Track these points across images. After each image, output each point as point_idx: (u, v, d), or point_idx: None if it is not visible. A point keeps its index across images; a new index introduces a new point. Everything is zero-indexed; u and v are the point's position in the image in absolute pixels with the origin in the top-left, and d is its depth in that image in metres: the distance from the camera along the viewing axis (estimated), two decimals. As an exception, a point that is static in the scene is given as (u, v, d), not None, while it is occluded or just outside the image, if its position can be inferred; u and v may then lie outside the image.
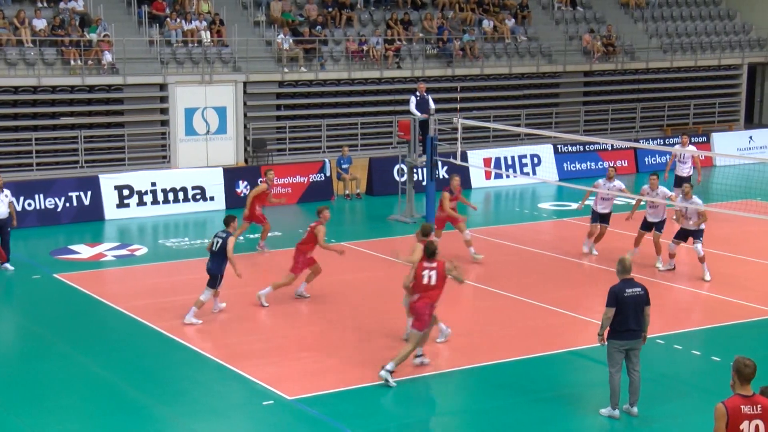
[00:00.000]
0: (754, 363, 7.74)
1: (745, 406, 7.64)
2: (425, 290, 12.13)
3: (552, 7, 35.91)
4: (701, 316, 14.89)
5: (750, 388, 7.71)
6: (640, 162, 28.32)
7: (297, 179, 24.24)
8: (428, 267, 12.15)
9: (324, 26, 30.91)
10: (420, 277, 12.13)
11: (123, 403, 11.61)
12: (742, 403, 7.65)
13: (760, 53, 37.16)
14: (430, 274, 12.12)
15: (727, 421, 7.61)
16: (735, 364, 7.78)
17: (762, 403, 7.68)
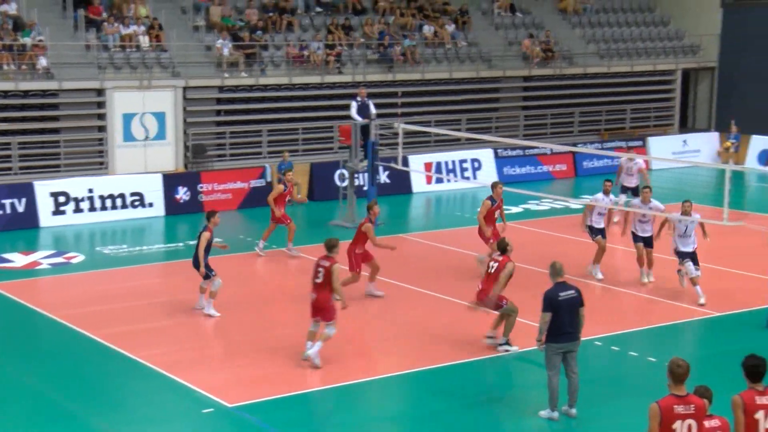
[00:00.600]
0: (687, 364, 7.87)
1: (679, 406, 7.76)
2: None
3: (492, 12, 36.22)
4: (638, 318, 15.11)
5: (684, 388, 7.84)
6: (578, 166, 28.69)
7: (237, 185, 24.09)
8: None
9: (264, 31, 30.76)
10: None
11: (57, 414, 11.40)
12: (675, 403, 7.77)
13: (693, 59, 37.90)
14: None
15: (660, 420, 7.73)
16: (669, 365, 7.91)
17: (695, 402, 7.81)
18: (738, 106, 35.88)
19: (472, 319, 14.97)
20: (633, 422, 11.06)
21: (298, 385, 12.21)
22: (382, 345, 13.93)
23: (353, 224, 21.47)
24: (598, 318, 14.55)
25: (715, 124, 37.52)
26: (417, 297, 16.22)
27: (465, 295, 16.12)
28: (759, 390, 7.93)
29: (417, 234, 21.25)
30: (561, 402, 11.11)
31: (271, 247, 19.18)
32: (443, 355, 13.30)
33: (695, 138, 32.18)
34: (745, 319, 14.93)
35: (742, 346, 13.39)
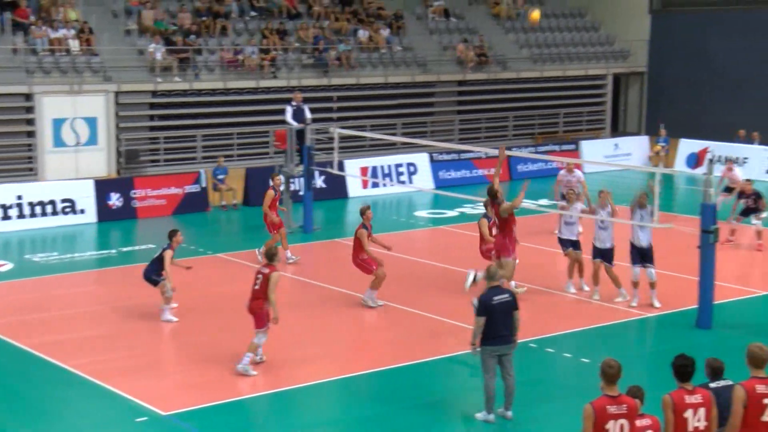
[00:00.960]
0: (619, 364, 7.98)
1: (611, 406, 7.86)
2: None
3: (426, 17, 36.43)
4: (572, 320, 15.29)
5: (617, 388, 7.95)
6: (513, 169, 28.96)
7: (171, 190, 23.80)
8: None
9: (198, 35, 30.49)
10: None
11: (-14, 426, 11.12)
12: (608, 404, 7.87)
13: (623, 64, 38.59)
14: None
15: (594, 421, 7.82)
16: (601, 365, 8.01)
17: (627, 403, 7.92)
18: (667, 110, 36.64)
19: (409, 323, 15.01)
20: (568, 423, 11.18)
21: (234, 392, 12.11)
22: (318, 350, 13.88)
23: (289, 229, 21.37)
24: (532, 320, 14.70)
25: (645, 128, 38.25)
26: (354, 301, 16.20)
27: (401, 298, 16.16)
28: (688, 389, 8.08)
29: (353, 238, 21.23)
30: (497, 404, 11.18)
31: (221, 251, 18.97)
32: (380, 359, 13.31)
33: (626, 141, 32.73)
34: (676, 320, 15.21)
35: (673, 345, 13.65)
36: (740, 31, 35.64)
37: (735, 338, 13.65)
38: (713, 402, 8.13)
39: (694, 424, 8.00)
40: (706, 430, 8.08)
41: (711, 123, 35.15)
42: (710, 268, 14.44)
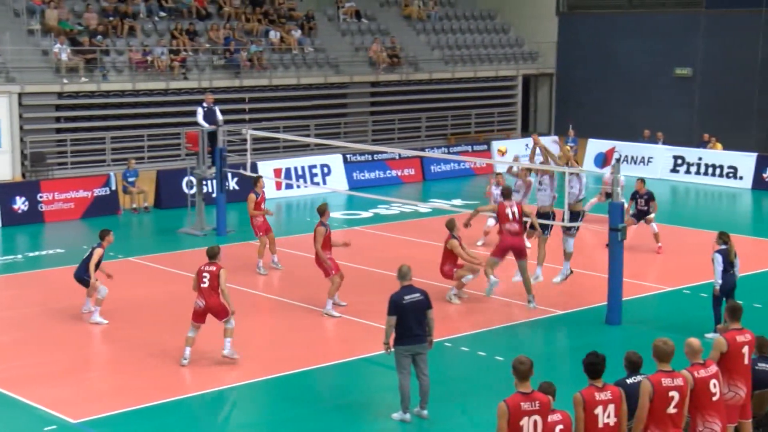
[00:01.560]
0: (530, 360, 8.11)
1: (525, 403, 7.99)
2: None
3: (338, 19, 36.44)
4: (486, 318, 15.46)
5: (529, 385, 8.08)
6: (426, 170, 29.17)
7: (80, 193, 23.28)
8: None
9: (105, 36, 29.90)
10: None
11: None
12: (521, 401, 7.99)
13: (533, 65, 39.25)
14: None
15: (508, 418, 7.94)
16: (513, 362, 8.14)
17: (540, 399, 8.06)
18: (575, 111, 37.41)
19: (322, 325, 14.99)
20: (483, 420, 11.33)
21: (147, 398, 11.91)
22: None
23: (202, 232, 21.13)
24: (447, 319, 14.83)
25: (554, 128, 38.97)
26: (268, 304, 16.10)
27: (314, 300, 16.12)
28: (598, 386, 8.26)
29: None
30: (413, 403, 11.24)
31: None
32: (296, 361, 13.25)
33: (536, 142, 33.22)
34: (586, 317, 15.52)
35: (584, 342, 13.95)
36: (644, 33, 36.61)
37: (643, 334, 13.99)
38: (623, 398, 8.32)
39: (604, 420, 8.18)
40: (615, 426, 8.27)
41: (617, 123, 36.04)
42: (619, 265, 14.77)
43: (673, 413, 8.38)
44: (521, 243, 15.54)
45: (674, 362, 8.63)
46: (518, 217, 15.36)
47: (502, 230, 15.54)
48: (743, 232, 22.26)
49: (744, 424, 9.59)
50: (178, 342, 13.28)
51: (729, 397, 9.30)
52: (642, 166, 29.72)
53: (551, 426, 8.12)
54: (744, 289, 16.59)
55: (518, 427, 7.93)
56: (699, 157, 29.20)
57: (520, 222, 15.41)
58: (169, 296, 16.29)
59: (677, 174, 29.32)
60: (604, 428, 8.18)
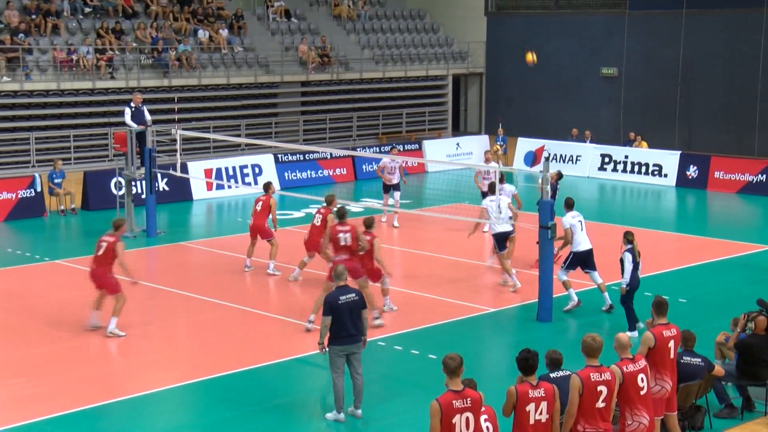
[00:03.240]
0: (460, 356, 8.17)
1: (457, 401, 8.05)
2: None
3: (267, 18, 36.25)
4: (419, 317, 15.54)
5: (460, 382, 8.15)
6: (358, 169, 29.20)
7: (4, 196, 22.77)
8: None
9: (27, 34, 29.26)
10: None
11: None
12: (453, 398, 8.04)
13: (462, 65, 39.55)
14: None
15: (441, 417, 7.98)
16: (443, 360, 8.18)
17: (472, 396, 8.13)
18: (505, 110, 37.81)
19: (255, 325, 14.92)
20: (417, 418, 11.38)
21: (74, 403, 11.70)
22: (164, 355, 13.60)
23: (131, 234, 20.83)
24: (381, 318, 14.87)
25: (485, 127, 39.34)
26: (199, 305, 15.96)
27: (248, 300, 16.03)
28: (532, 384, 8.36)
29: (199, 241, 20.93)
30: (347, 403, 11.26)
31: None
32: (228, 362, 13.16)
33: (467, 141, 33.56)
34: (518, 314, 15.71)
35: (515, 338, 14.14)
36: (571, 33, 37.17)
37: (573, 330, 14.22)
38: (556, 396, 8.45)
39: (536, 417, 8.29)
40: (547, 422, 8.38)
41: (547, 122, 36.54)
42: (549, 262, 14.98)
43: (601, 407, 8.54)
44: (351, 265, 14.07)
45: (602, 358, 8.80)
46: (350, 243, 14.27)
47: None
48: (668, 229, 22.80)
49: (669, 416, 9.83)
50: (106, 345, 13.08)
51: (656, 390, 9.52)
52: (570, 164, 30.18)
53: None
54: (669, 285, 17.00)
55: (451, 425, 7.99)
56: (625, 156, 29.77)
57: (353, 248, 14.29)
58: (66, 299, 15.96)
59: (605, 172, 29.85)
60: (535, 425, 8.29)
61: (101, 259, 13.92)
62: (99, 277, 13.98)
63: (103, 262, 13.92)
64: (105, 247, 13.89)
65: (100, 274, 13.95)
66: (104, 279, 13.96)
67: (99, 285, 14.09)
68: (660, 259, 18.88)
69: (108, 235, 14.09)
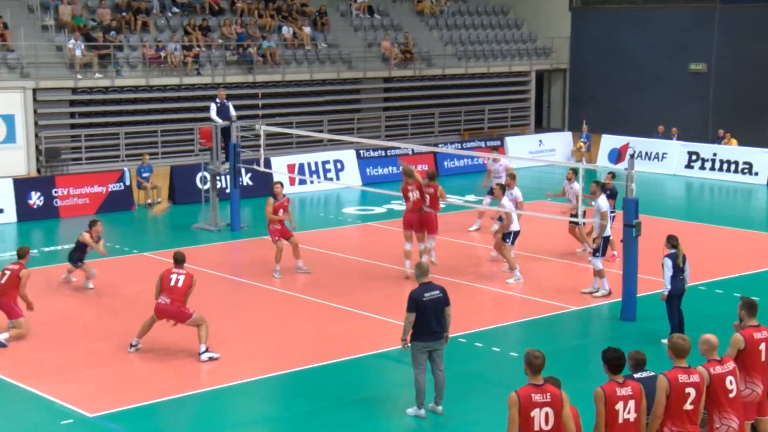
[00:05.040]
0: (543, 354, 8.11)
1: (536, 395, 7.99)
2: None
3: (350, 14, 36.42)
4: (500, 314, 15.47)
5: (541, 378, 8.10)
6: (440, 166, 29.15)
7: (95, 189, 23.37)
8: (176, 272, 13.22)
9: (119, 31, 29.97)
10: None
11: None
12: (533, 392, 8.00)
13: (546, 61, 39.14)
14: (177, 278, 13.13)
15: (519, 408, 7.94)
16: (526, 357, 8.13)
17: (552, 392, 8.06)
18: (588, 106, 37.27)
19: (336, 320, 15.01)
20: (497, 416, 11.31)
21: (162, 392, 11.95)
22: (247, 348, 13.79)
23: (216, 227, 21.17)
24: (462, 315, 14.81)
25: (568, 124, 38.88)
26: (281, 298, 16.13)
27: (330, 295, 16.14)
28: (619, 382, 8.24)
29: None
30: (428, 399, 11.25)
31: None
32: (309, 356, 13.27)
33: (550, 138, 33.22)
34: (602, 312, 15.49)
35: (599, 338, 13.95)
36: (658, 28, 36.45)
37: (658, 331, 13.95)
38: (643, 394, 8.30)
39: (625, 416, 8.16)
40: (635, 421, 8.25)
41: (631, 119, 35.89)
42: (633, 261, 14.74)
43: (689, 410, 8.36)
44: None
45: (689, 359, 8.61)
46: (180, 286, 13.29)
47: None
48: (758, 228, 22.17)
49: (761, 421, 9.56)
50: (191, 337, 13.32)
51: (746, 394, 9.27)
52: (656, 162, 29.65)
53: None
54: (759, 286, 16.54)
55: (529, 419, 7.93)
56: (714, 153, 29.08)
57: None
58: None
59: (691, 170, 29.22)
60: (623, 424, 8.16)
61: (4, 287, 13.72)
62: (3, 304, 13.76)
63: (7, 290, 13.71)
64: (8, 275, 13.76)
65: (4, 302, 13.72)
66: (9, 309, 13.74)
67: (6, 314, 13.86)
68: (750, 260, 18.40)
69: (13, 264, 13.98)
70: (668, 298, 13.42)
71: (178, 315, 13.06)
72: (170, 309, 13.03)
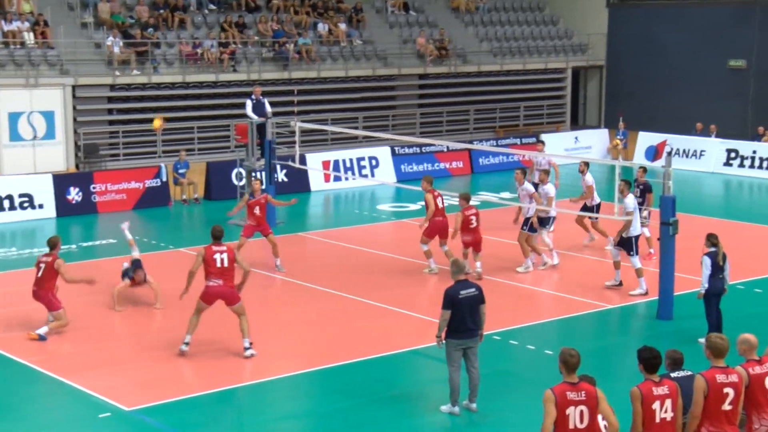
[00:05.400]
0: (578, 353, 8.05)
1: (571, 392, 7.94)
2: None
3: (385, 11, 36.43)
4: (535, 312, 15.40)
5: (576, 376, 8.04)
6: (475, 163, 29.07)
7: (132, 185, 23.57)
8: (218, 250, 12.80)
9: (156, 28, 30.21)
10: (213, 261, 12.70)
11: (-54, 424, 10.96)
12: (568, 390, 7.95)
13: (582, 57, 38.88)
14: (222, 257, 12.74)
15: (555, 404, 7.88)
16: (561, 355, 8.07)
17: (587, 390, 8.00)
18: (625, 103, 36.99)
19: (370, 316, 15.03)
20: (532, 414, 11.25)
21: (198, 387, 12.04)
22: (282, 344, 13.85)
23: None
24: (497, 313, 14.77)
25: (604, 121, 38.59)
26: (317, 295, 16.18)
27: (365, 291, 16.16)
28: (655, 381, 8.17)
29: (316, 232, 21.22)
30: (462, 396, 11.23)
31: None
32: (344, 352, 13.30)
33: (586, 135, 32.98)
34: (637, 311, 15.37)
35: (635, 337, 13.84)
36: (696, 25, 36.08)
37: (695, 330, 13.82)
38: (679, 392, 8.23)
39: (662, 415, 8.09)
40: (672, 420, 8.17)
41: (669, 116, 35.57)
42: (670, 259, 14.60)
43: (728, 410, 8.27)
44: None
45: (727, 359, 8.51)
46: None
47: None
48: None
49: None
50: (229, 332, 13.41)
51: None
52: (694, 160, 29.34)
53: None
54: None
55: (564, 417, 7.89)
56: (753, 151, 28.73)
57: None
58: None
59: (730, 167, 28.88)
60: (660, 423, 8.09)
61: (41, 280, 13.66)
62: (41, 297, 13.72)
63: (44, 282, 13.65)
64: (44, 268, 13.66)
65: (43, 295, 13.68)
66: (47, 300, 13.71)
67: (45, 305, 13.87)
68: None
69: (45, 255, 13.91)
70: (706, 296, 13.25)
71: (231, 297, 12.78)
72: (224, 291, 12.71)
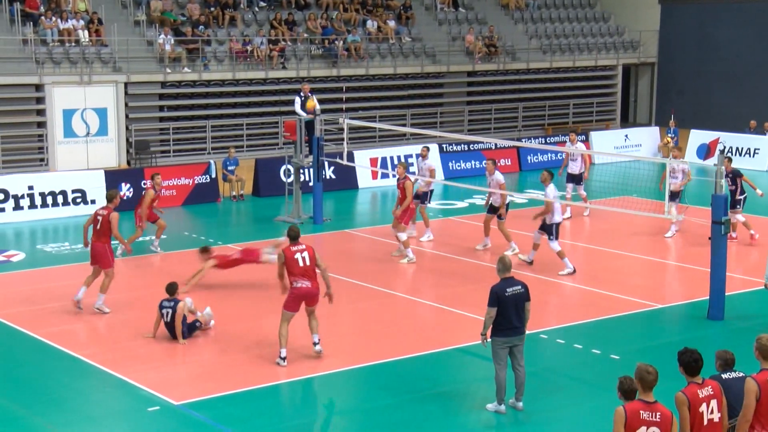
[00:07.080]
0: (656, 370, 7.75)
1: (645, 412, 7.64)
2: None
3: (435, 8, 36.36)
4: (582, 311, 15.27)
5: (652, 395, 7.73)
6: (523, 160, 28.91)
7: (182, 181, 23.83)
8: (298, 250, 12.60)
9: (207, 26, 30.50)
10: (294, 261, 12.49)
11: (-1, 415, 11.18)
12: (642, 408, 7.64)
13: (633, 54, 38.46)
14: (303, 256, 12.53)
15: (625, 424, 7.61)
16: (637, 372, 7.75)
17: (662, 411, 7.70)
18: (677, 101, 36.53)
19: (416, 314, 15.03)
20: (579, 413, 11.21)
21: (246, 382, 12.14)
22: (328, 341, 13.89)
23: (299, 220, 21.41)
24: (543, 311, 14.70)
25: (655, 119, 38.14)
26: (363, 292, 16.22)
27: (410, 289, 16.17)
28: (698, 383, 8.01)
29: (363, 229, 21.27)
30: (508, 395, 11.18)
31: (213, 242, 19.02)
32: (390, 349, 13.32)
33: (636, 132, 32.61)
34: (687, 311, 15.18)
35: (685, 337, 13.66)
36: (749, 21, 35.50)
37: (747, 330, 13.61)
38: (722, 392, 8.09)
39: (709, 416, 7.95)
40: (720, 421, 8.04)
41: (721, 114, 35.05)
42: (721, 259, 14.40)
43: (779, 413, 8.12)
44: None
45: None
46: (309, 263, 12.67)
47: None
48: None
49: None
50: (270, 328, 13.49)
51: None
52: (747, 158, 28.87)
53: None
54: None
55: None
56: (808, 149, 28.18)
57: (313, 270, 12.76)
58: (258, 284, 16.46)
59: (785, 166, 28.37)
60: (709, 425, 7.94)
61: (98, 233, 14.62)
62: (98, 251, 14.59)
63: (101, 235, 14.61)
64: (101, 220, 14.63)
65: (98, 248, 14.59)
66: (102, 254, 14.57)
67: (95, 260, 14.73)
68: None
69: (102, 208, 14.97)
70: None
71: (316, 298, 12.64)
72: (312, 291, 12.54)
